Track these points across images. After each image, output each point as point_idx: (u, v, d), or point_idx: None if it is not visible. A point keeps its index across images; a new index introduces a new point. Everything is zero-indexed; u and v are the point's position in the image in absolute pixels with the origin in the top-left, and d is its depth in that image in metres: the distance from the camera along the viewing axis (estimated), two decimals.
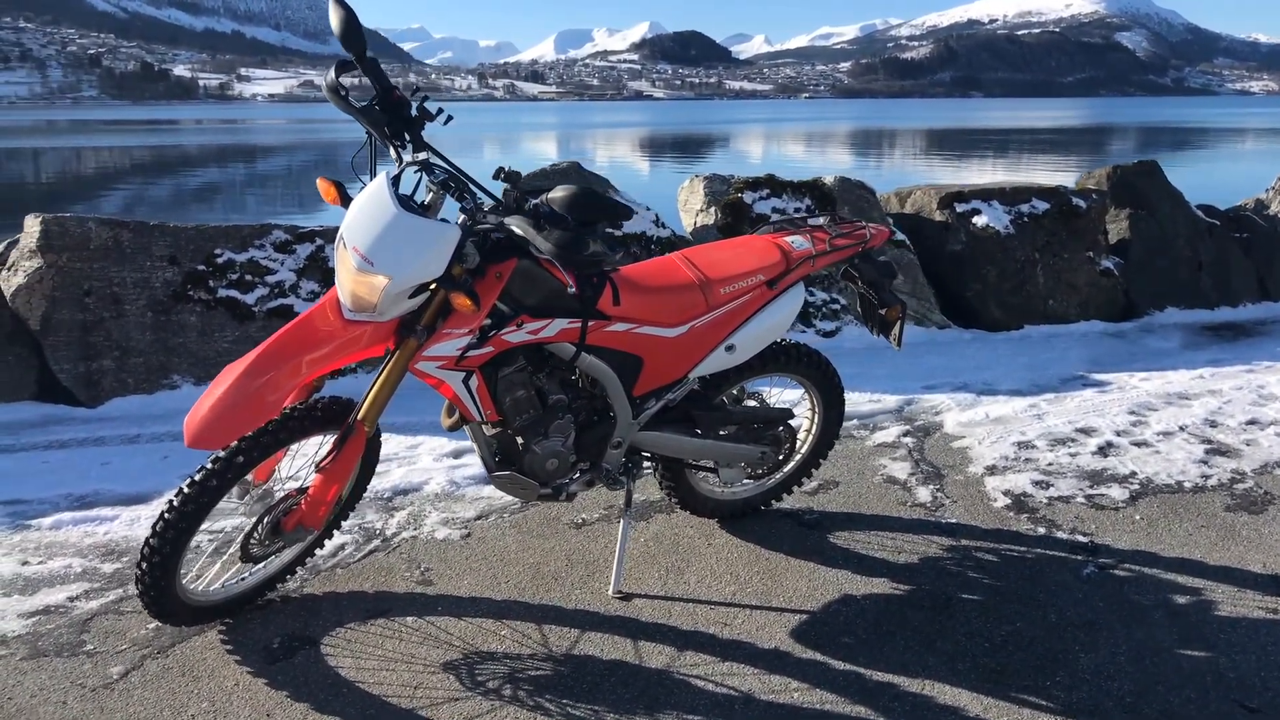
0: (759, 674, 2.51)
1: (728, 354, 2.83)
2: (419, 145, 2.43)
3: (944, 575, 3.01)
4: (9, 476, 3.68)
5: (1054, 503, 3.54)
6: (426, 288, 2.35)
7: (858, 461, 3.92)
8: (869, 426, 4.34)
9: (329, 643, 2.62)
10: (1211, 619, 2.77)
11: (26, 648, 2.58)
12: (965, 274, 6.18)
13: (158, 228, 4.66)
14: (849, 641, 2.66)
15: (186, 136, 67.03)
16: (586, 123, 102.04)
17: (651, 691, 2.43)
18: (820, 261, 2.91)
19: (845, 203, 6.02)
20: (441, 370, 2.43)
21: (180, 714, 2.32)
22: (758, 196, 5.86)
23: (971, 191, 6.38)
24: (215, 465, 2.38)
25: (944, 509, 3.48)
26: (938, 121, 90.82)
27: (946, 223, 6.24)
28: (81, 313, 4.47)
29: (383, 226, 2.28)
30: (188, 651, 2.56)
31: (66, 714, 2.32)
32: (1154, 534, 3.30)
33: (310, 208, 22.31)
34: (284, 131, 78.14)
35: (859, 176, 6.48)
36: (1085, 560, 3.11)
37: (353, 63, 2.42)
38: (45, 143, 58.86)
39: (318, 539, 2.86)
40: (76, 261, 4.47)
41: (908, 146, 48.37)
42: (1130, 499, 3.57)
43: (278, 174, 35.02)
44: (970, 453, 4.00)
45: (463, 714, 2.33)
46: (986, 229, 6.18)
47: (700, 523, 3.33)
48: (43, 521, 3.30)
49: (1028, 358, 5.56)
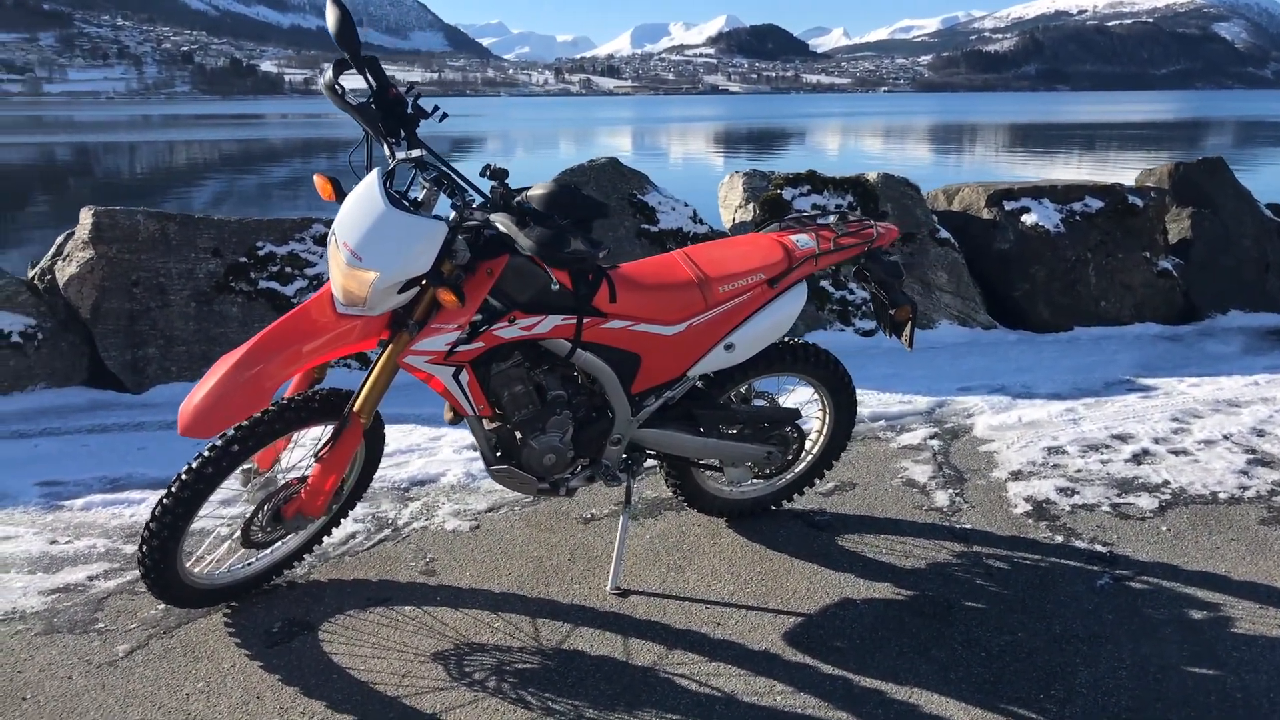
0: (745, 675, 2.49)
1: (727, 353, 2.81)
2: (413, 142, 2.47)
3: (950, 582, 2.96)
4: (50, 458, 3.84)
5: (1077, 511, 3.44)
6: (417, 283, 2.39)
7: (879, 464, 3.86)
8: (896, 428, 4.27)
9: (327, 628, 2.68)
10: (1226, 635, 2.67)
11: (43, 623, 2.69)
12: (1013, 273, 6.03)
13: (202, 220, 4.81)
14: (841, 646, 2.63)
15: (271, 130, 68.79)
16: (656, 116, 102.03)
17: (635, 689, 2.44)
18: (823, 261, 2.88)
19: (888, 200, 5.92)
20: (430, 364, 2.46)
21: (176, 693, 2.40)
22: (797, 193, 5.80)
23: (1021, 189, 6.22)
24: (212, 453, 2.45)
25: (960, 514, 3.41)
26: (1020, 116, 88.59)
27: (994, 221, 6.09)
28: (129, 302, 4.64)
29: (371, 223, 2.32)
30: (191, 632, 2.65)
31: (71, 689, 2.42)
32: (1179, 546, 3.19)
33: None
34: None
35: (932, 172, 6.38)
36: (1101, 571, 3.02)
37: (363, 61, 2.46)
38: (139, 137, 61.12)
39: (324, 527, 2.92)
40: (125, 253, 4.64)
41: (987, 141, 47.21)
42: (1159, 509, 3.45)
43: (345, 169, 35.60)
44: (997, 457, 3.91)
45: (445, 703, 2.37)
46: (1036, 227, 6.02)
47: (709, 521, 3.32)
48: (75, 502, 3.44)
49: (1073, 360, 5.41)
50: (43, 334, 4.57)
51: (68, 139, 55.00)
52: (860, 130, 60.63)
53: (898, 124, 70.60)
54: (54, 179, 30.34)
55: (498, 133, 63.49)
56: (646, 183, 5.71)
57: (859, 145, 44.48)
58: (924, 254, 5.89)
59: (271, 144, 50.50)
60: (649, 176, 5.79)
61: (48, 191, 25.80)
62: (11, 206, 20.74)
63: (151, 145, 50.17)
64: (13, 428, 4.22)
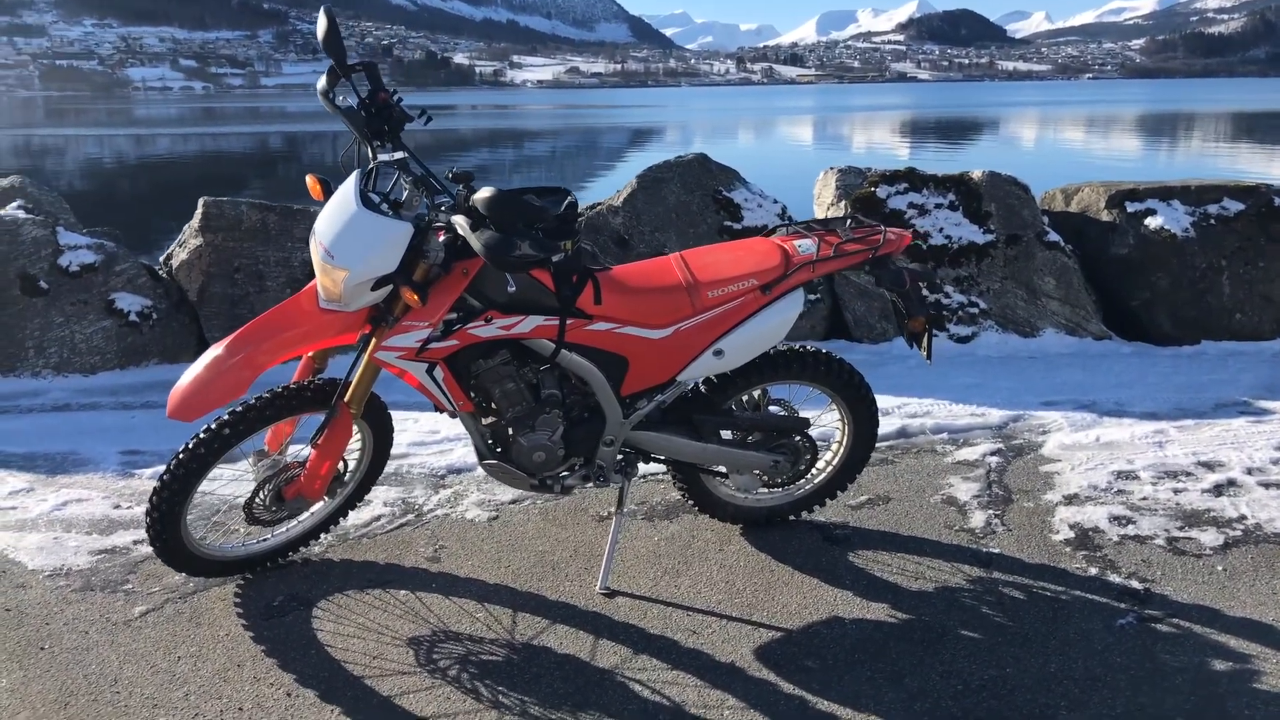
0: (701, 687, 2.46)
1: (716, 359, 2.77)
2: (397, 145, 2.56)
3: (953, 607, 2.81)
4: (141, 429, 4.20)
5: (1125, 542, 3.19)
6: (389, 281, 2.48)
7: (924, 478, 3.70)
8: (957, 441, 4.07)
9: (322, 606, 2.82)
10: (1245, 691, 2.43)
11: (82, 580, 2.96)
12: (1131, 281, 5.60)
13: (300, 211, 5.12)
14: (812, 665, 2.55)
15: (461, 121, 71.84)
16: (831, 105, 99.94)
17: (586, 690, 2.45)
18: (820, 268, 2.78)
19: (993, 199, 5.62)
20: (401, 360, 2.55)
21: (169, 654, 2.60)
22: (894, 191, 5.59)
23: (1147, 189, 5.77)
24: (206, 435, 2.63)
25: (992, 537, 3.23)
26: (1247, 103, 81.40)
27: (1113, 223, 5.68)
28: (231, 287, 4.99)
29: (344, 222, 2.43)
30: (202, 600, 2.85)
31: (85, 642, 2.66)
32: (1229, 588, 2.91)
33: None
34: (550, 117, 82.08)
35: (1141, 166, 5.97)
36: (1128, 609, 2.80)
37: (355, 68, 2.57)
38: (343, 127, 65.21)
39: (338, 510, 3.08)
40: (230, 241, 5.00)
41: (1206, 133, 43.50)
42: (1222, 546, 3.16)
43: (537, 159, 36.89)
44: (1056, 479, 3.67)
45: (401, 688, 2.46)
46: (1160, 231, 5.57)
47: (722, 529, 3.28)
48: (145, 471, 3.75)
49: (1186, 377, 4.98)
50: (157, 314, 4.98)
51: (279, 129, 59.37)
52: (1056, 120, 57.41)
53: (1100, 114, 66.47)
54: (266, 164, 32.99)
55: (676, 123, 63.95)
56: (735, 179, 5.64)
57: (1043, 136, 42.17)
58: (1029, 258, 5.56)
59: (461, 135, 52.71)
60: (739, 172, 5.72)
61: (262, 177, 28.01)
62: (224, 190, 22.61)
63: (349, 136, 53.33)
64: (121, 399, 4.63)
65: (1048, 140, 39.71)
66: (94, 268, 4.94)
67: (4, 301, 4.79)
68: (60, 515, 3.38)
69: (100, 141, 49.17)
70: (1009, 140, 40.48)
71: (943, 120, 61.27)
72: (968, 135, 45.09)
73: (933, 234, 5.54)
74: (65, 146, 45.50)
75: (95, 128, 65.84)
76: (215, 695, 2.43)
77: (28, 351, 4.79)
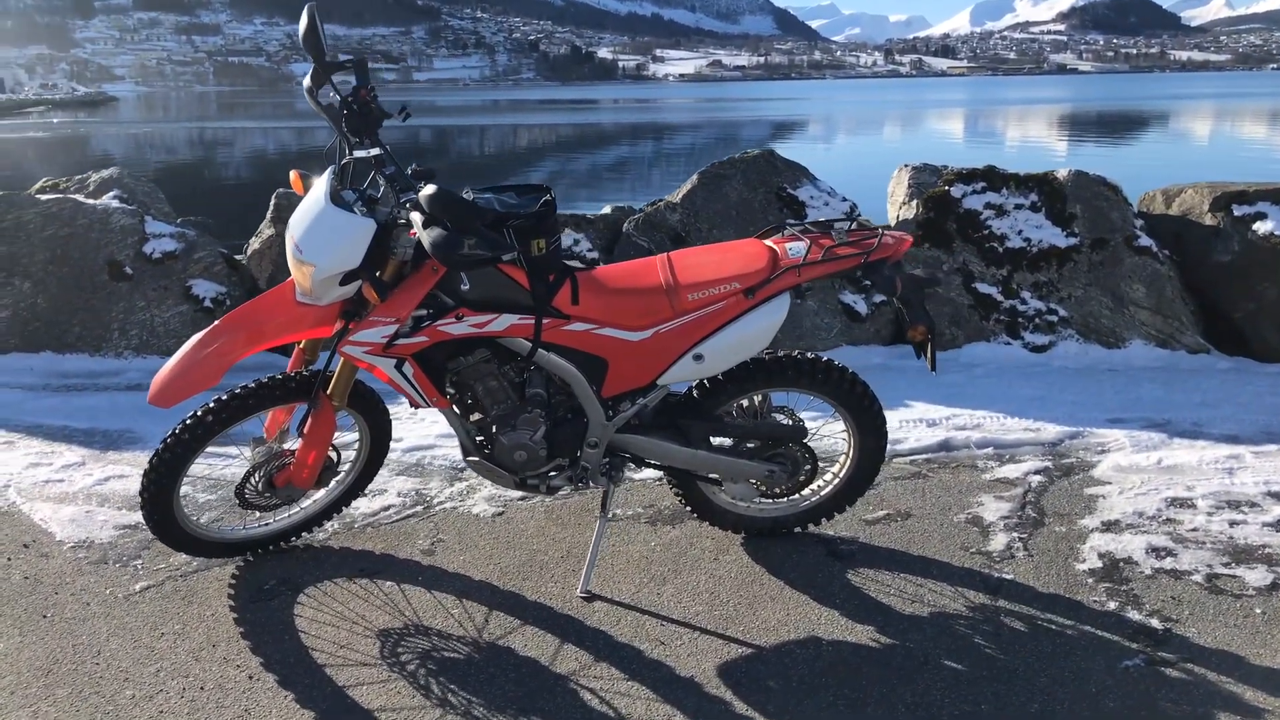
0: (651, 700, 2.40)
1: (695, 363, 2.68)
2: (374, 141, 2.57)
3: (943, 635, 2.65)
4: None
5: (1158, 575, 2.94)
6: (357, 276, 2.50)
7: (953, 495, 3.50)
8: (1002, 457, 3.84)
9: (308, 592, 2.88)
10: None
11: (99, 554, 3.12)
12: (1234, 290, 5.17)
13: None
14: (774, 686, 2.45)
15: (603, 115, 72.78)
16: (979, 99, 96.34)
17: (537, 693, 2.42)
18: (807, 272, 2.65)
19: (1078, 201, 5.28)
20: (369, 355, 2.57)
21: (154, 631, 2.70)
22: (969, 190, 5.32)
23: (1257, 191, 5.30)
24: (191, 421, 2.72)
25: (1009, 563, 3.03)
26: None
27: (1216, 228, 5.25)
28: None
29: (312, 218, 2.46)
30: (198, 580, 2.96)
31: (86, 613, 2.79)
32: (1264, 634, 2.64)
33: (639, 191, 23.43)
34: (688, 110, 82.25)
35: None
36: (1138, 650, 2.58)
37: (338, 65, 2.60)
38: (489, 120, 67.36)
39: (339, 499, 3.14)
40: None
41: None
42: (1268, 587, 2.87)
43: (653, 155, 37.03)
44: (1099, 503, 3.42)
45: (357, 679, 2.48)
46: (1270, 237, 5.11)
47: (723, 538, 3.19)
48: None
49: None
50: (230, 301, 5.21)
51: (430, 122, 61.61)
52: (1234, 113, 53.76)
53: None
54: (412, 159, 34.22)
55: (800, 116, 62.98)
56: (802, 175, 5.48)
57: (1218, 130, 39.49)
58: (1117, 264, 5.20)
59: (603, 129, 53.45)
60: (808, 169, 5.55)
61: None
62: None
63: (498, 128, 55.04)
64: None
65: (1223, 133, 37.20)
66: (175, 255, 5.20)
67: (93, 286, 5.10)
68: (99, 490, 3.57)
69: (265, 134, 52.18)
70: (1178, 134, 38.04)
71: (1103, 115, 58.27)
72: (1116, 131, 42.72)
73: (1010, 236, 5.25)
74: (234, 138, 48.46)
75: (260, 120, 69.86)
76: (183, 673, 2.51)
77: (112, 333, 5.09)
